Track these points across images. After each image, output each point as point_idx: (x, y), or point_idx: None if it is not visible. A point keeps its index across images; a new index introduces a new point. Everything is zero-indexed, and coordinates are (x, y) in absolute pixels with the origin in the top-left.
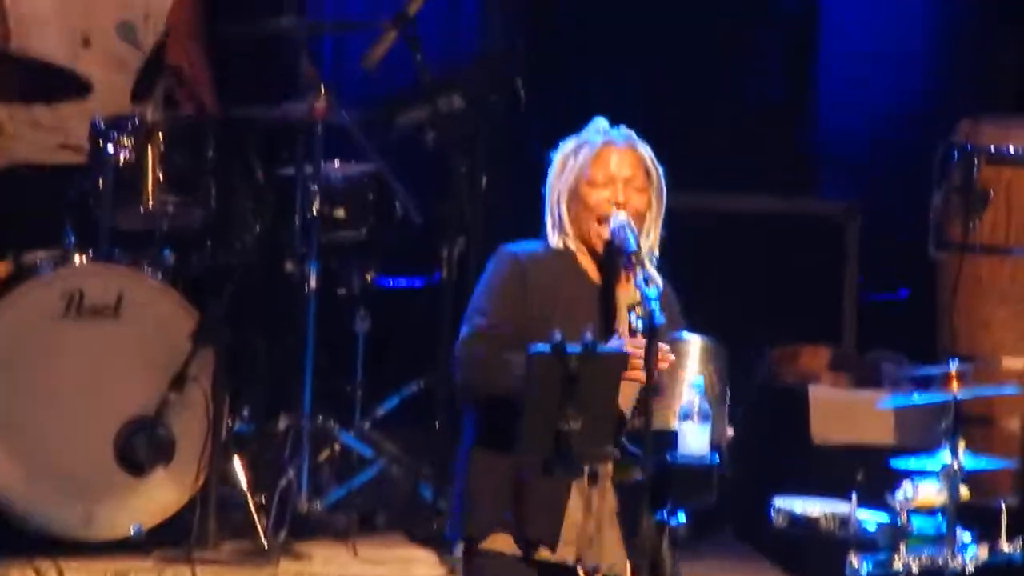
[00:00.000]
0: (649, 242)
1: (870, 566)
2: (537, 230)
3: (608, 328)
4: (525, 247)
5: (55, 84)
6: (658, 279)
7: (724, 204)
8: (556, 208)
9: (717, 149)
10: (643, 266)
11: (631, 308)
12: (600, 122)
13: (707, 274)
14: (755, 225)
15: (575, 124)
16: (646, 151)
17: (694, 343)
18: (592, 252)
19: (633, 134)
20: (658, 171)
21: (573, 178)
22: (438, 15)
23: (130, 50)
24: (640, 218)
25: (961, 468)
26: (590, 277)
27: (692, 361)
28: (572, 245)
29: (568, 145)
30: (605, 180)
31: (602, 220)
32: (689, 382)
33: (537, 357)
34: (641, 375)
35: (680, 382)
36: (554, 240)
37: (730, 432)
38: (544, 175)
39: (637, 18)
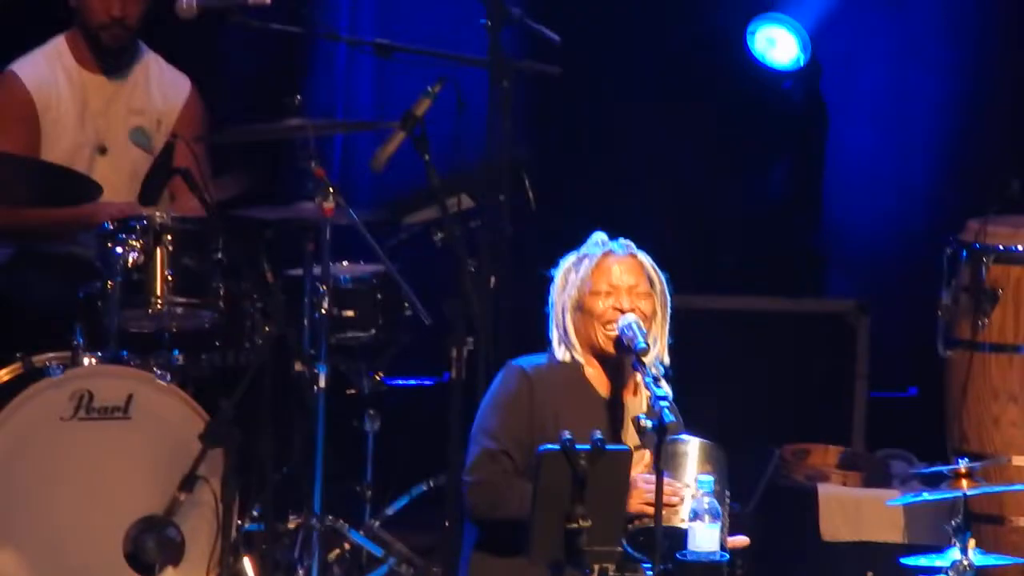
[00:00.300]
0: (657, 349)
1: None
2: (543, 331)
3: (616, 437)
4: (532, 362)
5: (70, 188)
6: (666, 387)
7: (734, 304)
8: (562, 321)
9: (726, 250)
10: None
11: (640, 420)
12: (599, 235)
13: (717, 374)
14: (764, 325)
15: (583, 230)
16: (646, 259)
17: (693, 445)
18: (601, 360)
19: (632, 244)
20: (660, 277)
21: (576, 290)
22: (446, 116)
23: (142, 155)
24: (647, 322)
25: (971, 566)
26: (597, 390)
27: (692, 462)
28: (580, 357)
29: (569, 260)
30: (609, 289)
31: (608, 325)
32: (691, 482)
33: (547, 456)
34: (650, 510)
35: (680, 482)
36: (560, 353)
37: (746, 540)
38: (547, 290)
39: (643, 122)
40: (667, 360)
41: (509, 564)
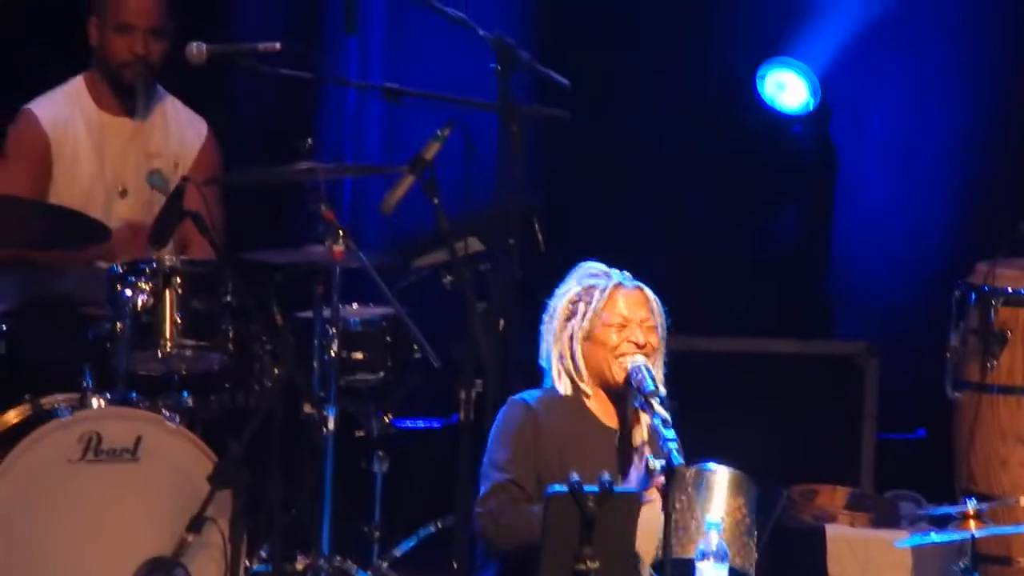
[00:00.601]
0: (660, 380)
1: None
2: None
3: (623, 470)
4: (533, 395)
5: (78, 231)
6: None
7: (743, 346)
8: (570, 352)
9: (735, 292)
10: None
11: (649, 452)
12: (595, 266)
13: (726, 415)
14: (773, 366)
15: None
16: (650, 291)
17: (721, 474)
18: (607, 393)
19: (629, 275)
20: (661, 310)
21: (588, 322)
22: (455, 160)
23: (159, 197)
24: (652, 356)
25: None
26: (601, 421)
27: (720, 491)
28: (587, 389)
29: (571, 289)
30: (622, 321)
31: (621, 358)
32: (718, 511)
33: (555, 498)
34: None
35: (708, 513)
36: (563, 386)
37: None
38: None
39: (653, 165)
40: (664, 391)
41: None
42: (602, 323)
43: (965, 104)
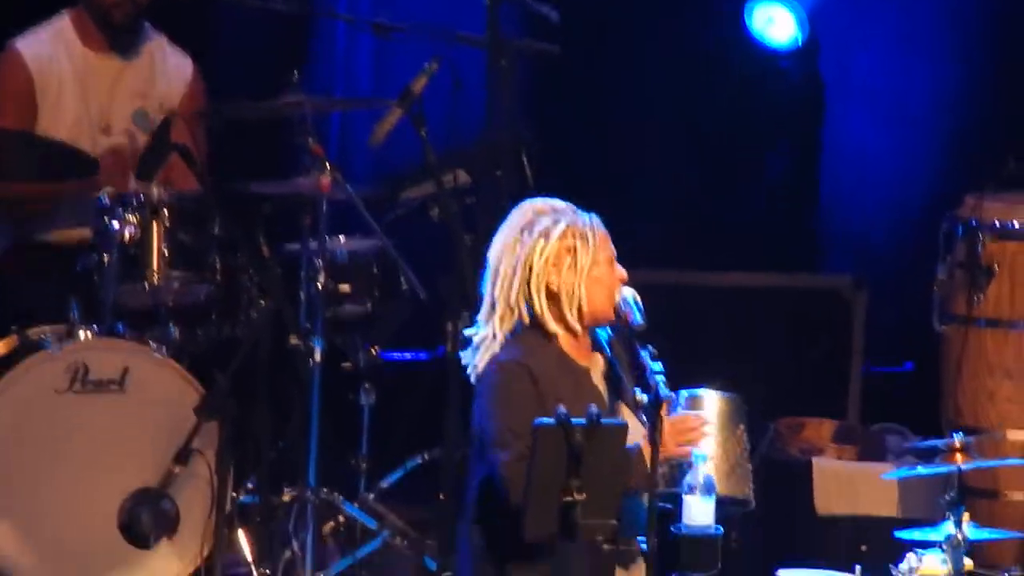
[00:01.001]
0: None
1: None
2: None
3: (611, 404)
4: (518, 351)
5: (69, 164)
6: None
7: (730, 280)
8: (576, 290)
9: (723, 226)
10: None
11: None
12: (549, 201)
13: (713, 349)
14: (761, 300)
15: (580, 207)
16: None
17: (710, 398)
18: (582, 330)
19: None
20: None
21: (589, 260)
22: (444, 94)
23: (144, 136)
24: None
25: (965, 539)
26: (576, 361)
27: (710, 416)
28: (576, 326)
29: (554, 228)
30: (608, 259)
31: (615, 294)
32: (711, 439)
33: (542, 430)
34: (679, 450)
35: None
36: (553, 325)
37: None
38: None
39: (641, 99)
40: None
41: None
42: (595, 263)
43: (952, 40)
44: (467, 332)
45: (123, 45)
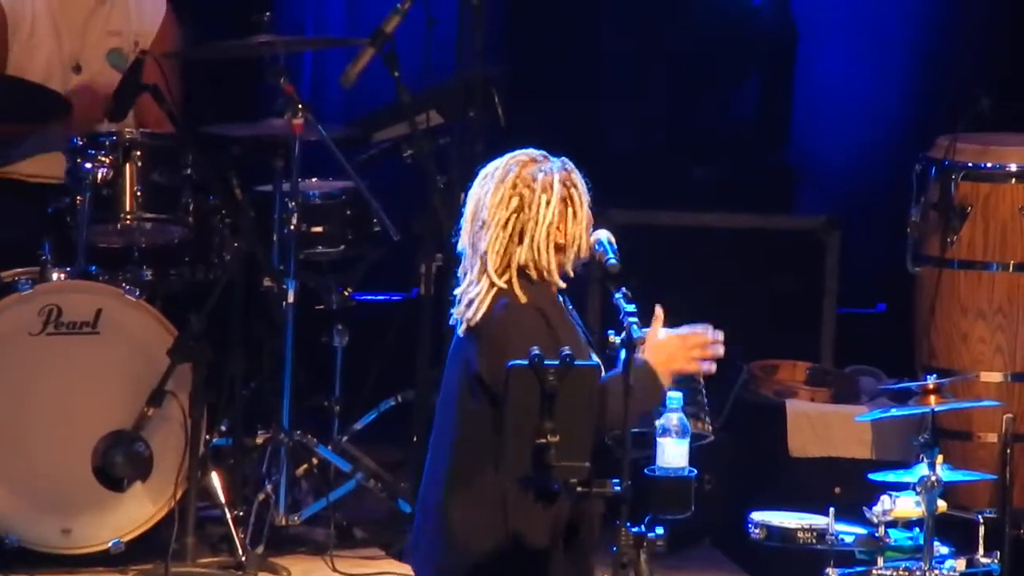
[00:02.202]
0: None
1: None
2: None
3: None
4: (527, 296)
5: (40, 105)
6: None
7: (703, 221)
8: (580, 238)
9: (695, 167)
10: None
11: (609, 336)
12: (531, 151)
13: (685, 289)
14: (733, 240)
15: (553, 147)
16: None
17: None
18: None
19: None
20: None
21: (584, 207)
22: (415, 33)
23: (118, 76)
24: None
25: (939, 481)
26: (563, 304)
27: None
28: (570, 274)
29: (551, 180)
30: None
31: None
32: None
33: (515, 371)
34: (698, 366)
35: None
36: (558, 275)
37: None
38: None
39: (613, 39)
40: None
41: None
42: (585, 214)
43: None
44: (456, 292)
45: None
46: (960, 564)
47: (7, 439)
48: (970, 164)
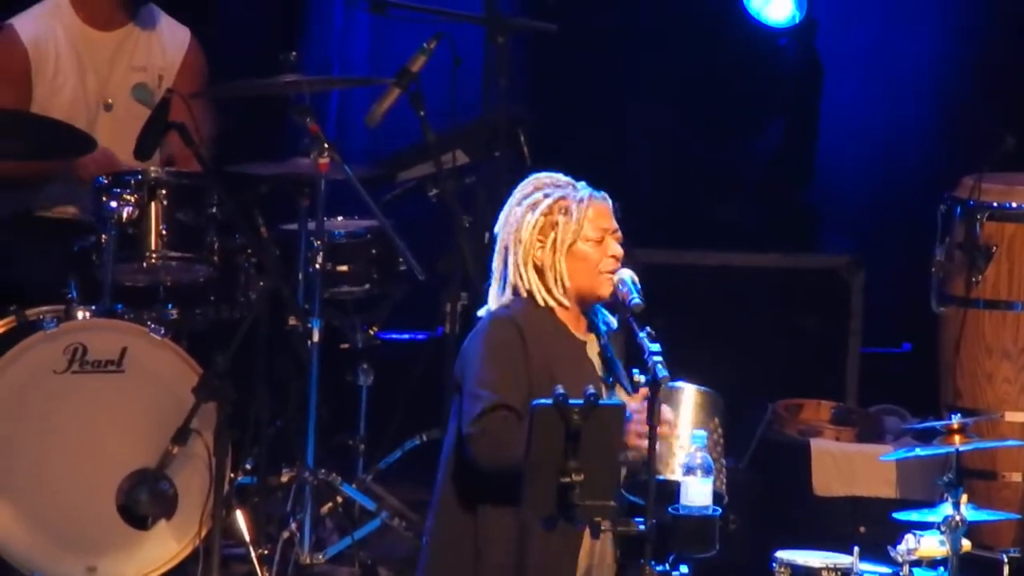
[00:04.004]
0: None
1: None
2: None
3: (598, 378)
4: (509, 310)
5: (63, 142)
6: (613, 321)
7: (728, 260)
8: (555, 265)
9: (720, 206)
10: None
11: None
12: (551, 176)
13: (711, 329)
14: (759, 280)
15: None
16: (609, 199)
17: (688, 392)
18: (580, 306)
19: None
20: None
21: (571, 236)
22: (441, 72)
23: (144, 111)
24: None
25: (963, 521)
26: (574, 333)
27: (687, 409)
28: (564, 301)
29: (541, 201)
30: (600, 235)
31: (604, 272)
32: (685, 429)
33: (539, 411)
34: (641, 443)
35: (676, 430)
36: (541, 298)
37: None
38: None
39: (639, 79)
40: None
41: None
42: (582, 238)
43: (948, 16)
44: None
45: (121, 19)
46: None
47: (32, 477)
48: (995, 204)
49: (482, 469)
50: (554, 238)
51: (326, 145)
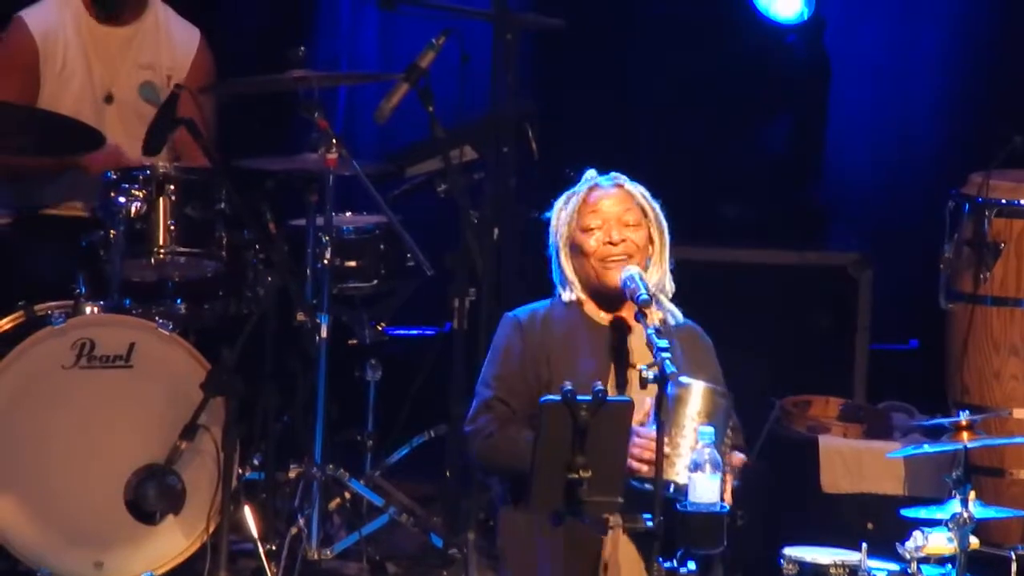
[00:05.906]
0: (657, 277)
1: None
2: (546, 281)
3: (622, 371)
4: (529, 308)
5: (71, 138)
6: (678, 314)
7: (736, 256)
8: (559, 262)
9: (728, 203)
10: (653, 314)
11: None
12: (589, 172)
13: (719, 325)
14: (767, 277)
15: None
16: (636, 188)
17: (696, 388)
18: (601, 296)
19: (620, 175)
20: (653, 205)
21: (567, 229)
22: (449, 68)
23: (151, 109)
24: (641, 253)
25: (971, 518)
26: (599, 323)
27: (692, 406)
28: (581, 295)
29: (559, 201)
30: (599, 223)
31: (603, 261)
32: (689, 423)
33: (547, 407)
34: (640, 467)
35: (682, 427)
36: (564, 295)
37: (742, 457)
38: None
39: (647, 75)
40: (671, 287)
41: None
42: (579, 228)
43: (956, 14)
44: None
45: (130, 15)
46: None
47: (41, 472)
48: (1003, 201)
49: (480, 470)
50: (556, 233)
51: (335, 141)
